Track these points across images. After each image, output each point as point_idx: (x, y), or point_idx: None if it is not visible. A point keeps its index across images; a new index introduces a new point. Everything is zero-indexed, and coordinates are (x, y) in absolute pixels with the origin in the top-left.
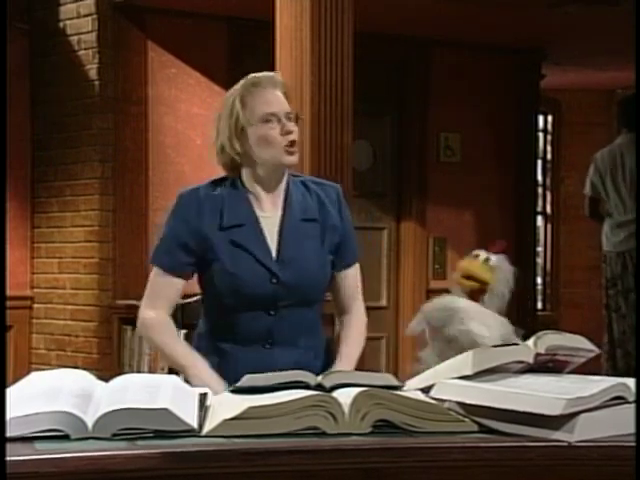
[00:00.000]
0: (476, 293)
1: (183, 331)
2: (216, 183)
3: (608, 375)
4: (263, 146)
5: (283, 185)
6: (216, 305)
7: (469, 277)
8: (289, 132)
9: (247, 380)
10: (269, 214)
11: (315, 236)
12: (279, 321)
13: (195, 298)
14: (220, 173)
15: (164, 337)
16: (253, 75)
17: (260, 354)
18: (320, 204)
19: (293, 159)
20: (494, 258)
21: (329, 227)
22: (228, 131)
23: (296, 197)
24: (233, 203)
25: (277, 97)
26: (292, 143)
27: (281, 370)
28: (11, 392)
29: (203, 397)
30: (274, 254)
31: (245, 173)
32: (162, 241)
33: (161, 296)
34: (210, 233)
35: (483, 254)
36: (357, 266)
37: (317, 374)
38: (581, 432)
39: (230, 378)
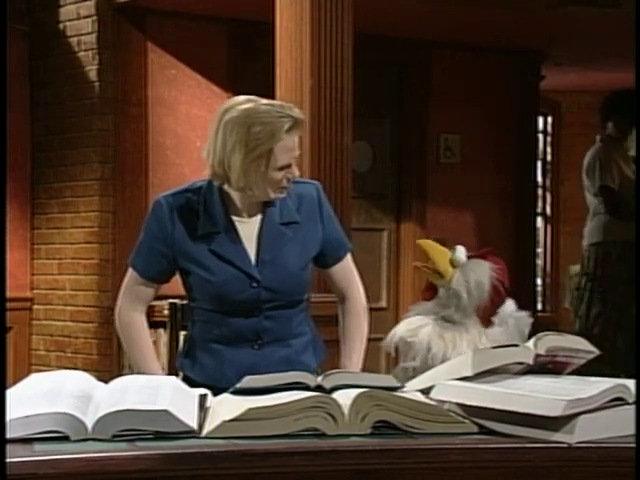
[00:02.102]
0: (431, 288)
1: (183, 332)
2: (193, 188)
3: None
4: (264, 184)
5: None
6: (202, 309)
7: (429, 262)
8: (293, 179)
9: (247, 381)
10: (247, 219)
11: (294, 239)
12: (265, 322)
13: None
14: None
15: (141, 342)
16: (294, 115)
17: (250, 354)
18: (299, 204)
19: (284, 195)
20: (462, 256)
21: (309, 228)
22: (239, 166)
23: (275, 201)
24: (208, 210)
25: (297, 141)
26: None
27: (273, 368)
28: (11, 393)
29: (203, 398)
30: (253, 259)
31: (229, 188)
32: (139, 246)
33: (140, 298)
34: (185, 241)
35: (458, 249)
36: (349, 256)
37: (310, 369)
38: (581, 433)
39: (222, 378)
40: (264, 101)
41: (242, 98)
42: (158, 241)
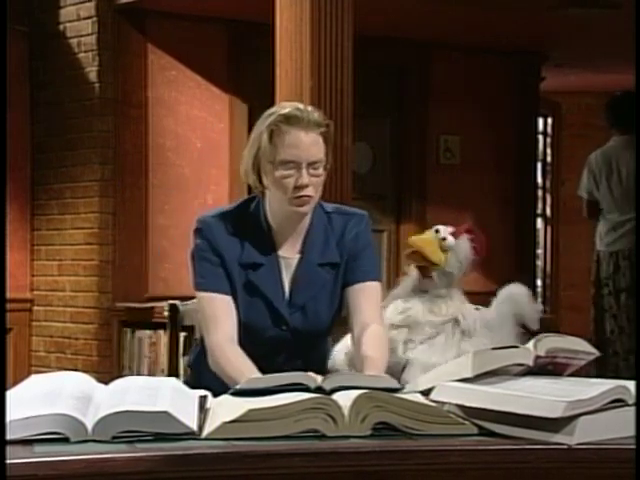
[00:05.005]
0: (425, 270)
1: (183, 334)
2: (240, 210)
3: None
4: (275, 189)
5: (305, 223)
6: None
7: (418, 253)
8: (302, 187)
9: (247, 382)
10: (288, 255)
11: (329, 282)
12: (286, 361)
13: (194, 301)
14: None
15: (236, 371)
16: (295, 107)
17: None
18: (342, 240)
19: (301, 210)
20: (451, 239)
21: (344, 264)
22: (250, 161)
23: (317, 237)
24: (255, 238)
25: (306, 141)
26: (302, 197)
27: None
28: (11, 395)
29: (203, 399)
30: (287, 298)
31: (265, 204)
32: (198, 270)
33: (218, 321)
34: (230, 262)
35: (442, 231)
36: (371, 287)
37: None
38: (581, 435)
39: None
40: (287, 103)
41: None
42: (213, 254)
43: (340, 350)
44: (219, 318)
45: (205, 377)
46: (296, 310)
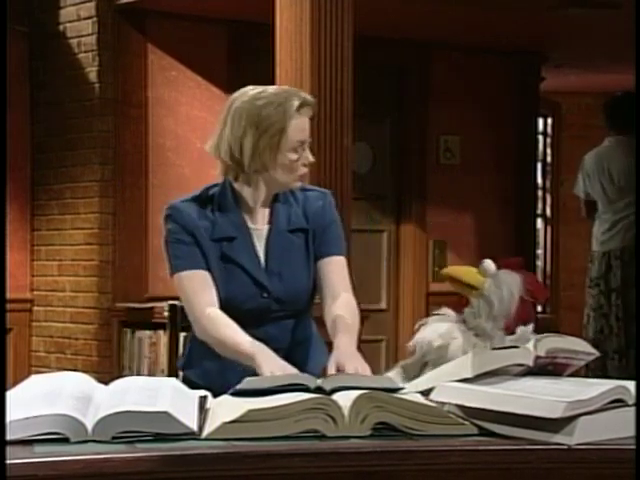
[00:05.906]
0: (463, 298)
1: (183, 334)
2: (206, 194)
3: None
4: (282, 171)
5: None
6: None
7: (455, 280)
8: (308, 164)
9: (247, 383)
10: (259, 226)
11: (301, 246)
12: (270, 330)
13: None
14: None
15: (221, 331)
16: (303, 95)
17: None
18: (304, 211)
19: (300, 183)
20: (492, 267)
21: (313, 234)
22: (251, 148)
23: (283, 207)
24: (224, 216)
25: (308, 124)
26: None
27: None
28: (11, 395)
29: (203, 400)
30: (264, 266)
31: (241, 184)
32: (172, 253)
33: (198, 294)
34: (203, 240)
35: (488, 262)
36: (338, 260)
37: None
38: (581, 435)
39: (225, 383)
40: (271, 87)
41: (249, 87)
42: (186, 234)
43: None
44: (198, 291)
45: (194, 377)
46: (274, 276)
